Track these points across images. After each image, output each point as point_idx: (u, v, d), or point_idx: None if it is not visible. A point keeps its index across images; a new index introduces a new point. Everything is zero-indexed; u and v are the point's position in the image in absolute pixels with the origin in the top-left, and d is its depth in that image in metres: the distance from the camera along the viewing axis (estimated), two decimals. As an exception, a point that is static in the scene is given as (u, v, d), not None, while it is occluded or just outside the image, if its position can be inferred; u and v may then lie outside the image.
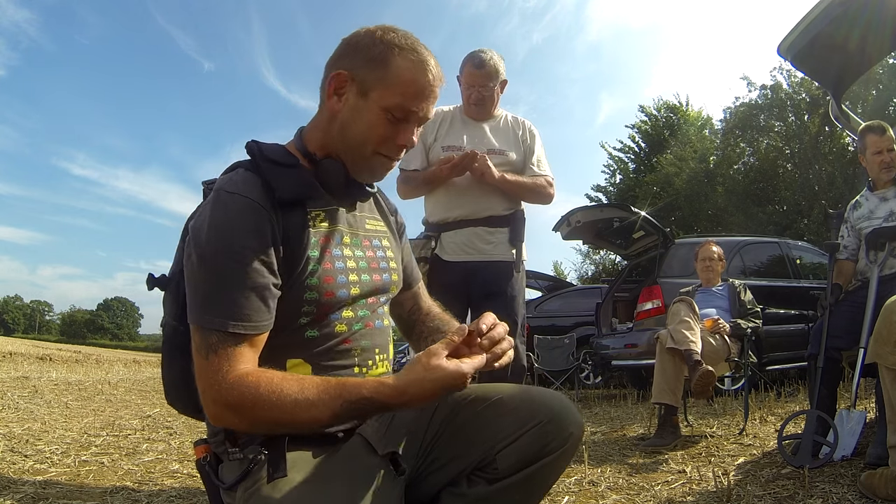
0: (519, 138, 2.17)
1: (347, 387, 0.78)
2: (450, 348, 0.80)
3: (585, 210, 5.31)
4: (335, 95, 0.92)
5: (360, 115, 0.90)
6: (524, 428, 0.88)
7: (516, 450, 0.88)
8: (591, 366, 6.73)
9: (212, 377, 0.77)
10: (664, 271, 5.07)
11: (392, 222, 1.12)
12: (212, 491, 0.88)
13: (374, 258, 1.00)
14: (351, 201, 1.00)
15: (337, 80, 0.91)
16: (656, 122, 17.85)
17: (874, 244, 2.32)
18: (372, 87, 0.89)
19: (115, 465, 2.29)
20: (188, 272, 0.83)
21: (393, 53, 0.89)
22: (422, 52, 0.91)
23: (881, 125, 2.41)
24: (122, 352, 30.38)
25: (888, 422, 1.55)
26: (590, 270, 20.00)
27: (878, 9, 2.39)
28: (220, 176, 0.91)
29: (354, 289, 0.92)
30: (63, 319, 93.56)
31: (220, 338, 0.78)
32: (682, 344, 2.66)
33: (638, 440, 2.95)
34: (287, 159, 0.91)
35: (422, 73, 0.90)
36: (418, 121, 0.93)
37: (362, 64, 0.90)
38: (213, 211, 0.82)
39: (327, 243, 0.91)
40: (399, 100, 0.89)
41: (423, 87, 0.90)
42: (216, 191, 0.85)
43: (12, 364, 8.38)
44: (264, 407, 0.75)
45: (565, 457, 0.91)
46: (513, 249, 2.09)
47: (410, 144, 0.93)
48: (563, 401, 0.93)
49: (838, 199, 11.14)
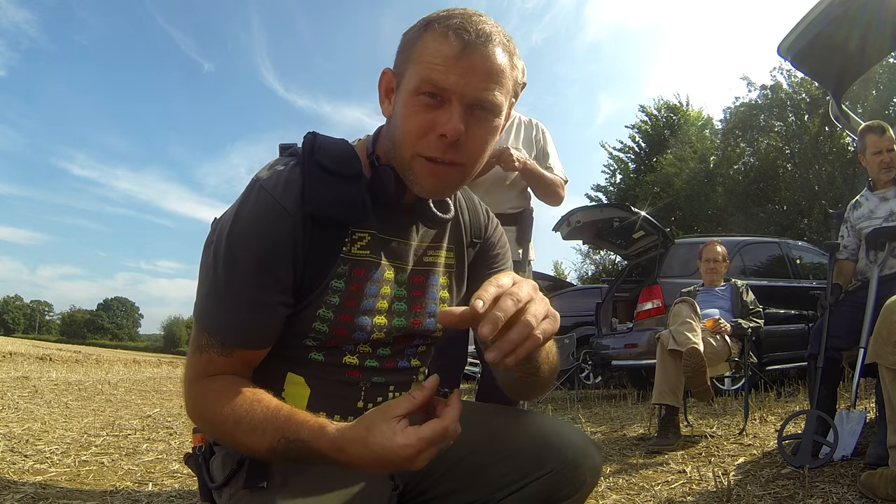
0: (532, 139, 2.18)
1: (292, 422, 0.66)
2: (412, 407, 0.62)
3: (585, 210, 5.31)
4: (386, 98, 0.79)
5: (397, 111, 0.74)
6: (532, 476, 0.77)
7: (521, 498, 0.78)
8: (591, 366, 6.73)
9: (189, 372, 0.75)
10: (664, 271, 5.07)
11: (469, 253, 0.92)
12: (202, 483, 0.84)
13: (422, 299, 0.85)
14: (408, 224, 0.83)
15: (383, 79, 0.78)
16: (656, 122, 17.86)
17: (874, 244, 2.32)
18: (403, 73, 0.73)
19: (115, 465, 2.29)
20: (203, 259, 0.77)
21: (426, 28, 0.72)
22: (466, 18, 0.70)
23: (881, 125, 2.41)
24: (122, 352, 30.38)
25: (888, 422, 1.55)
26: (590, 270, 20.03)
27: (878, 9, 2.39)
28: (275, 160, 0.80)
29: (378, 333, 0.80)
30: (63, 319, 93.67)
31: (209, 341, 0.74)
32: (684, 345, 2.65)
33: (638, 440, 2.95)
34: (342, 167, 0.76)
35: (455, 36, 0.69)
36: (464, 103, 0.70)
37: (400, 52, 0.76)
38: (241, 206, 0.74)
39: (360, 275, 0.78)
40: (424, 74, 0.69)
41: (457, 50, 0.68)
42: (255, 180, 0.75)
43: (12, 364, 8.37)
44: (210, 418, 0.72)
45: (577, 503, 0.81)
46: (520, 249, 2.09)
47: (453, 133, 0.69)
48: (579, 445, 0.80)
49: (838, 199, 11.14)
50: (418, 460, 0.60)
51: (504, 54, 0.71)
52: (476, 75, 0.69)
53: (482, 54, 0.69)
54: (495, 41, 0.70)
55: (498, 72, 0.71)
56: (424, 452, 0.60)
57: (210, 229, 0.79)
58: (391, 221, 0.80)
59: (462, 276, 0.92)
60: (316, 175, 0.74)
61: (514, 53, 0.73)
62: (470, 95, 0.70)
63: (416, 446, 0.59)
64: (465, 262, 0.92)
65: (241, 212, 0.74)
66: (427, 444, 0.59)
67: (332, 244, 0.76)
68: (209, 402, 0.72)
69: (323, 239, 0.75)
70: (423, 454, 0.60)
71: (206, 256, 0.76)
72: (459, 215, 0.91)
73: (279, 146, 0.83)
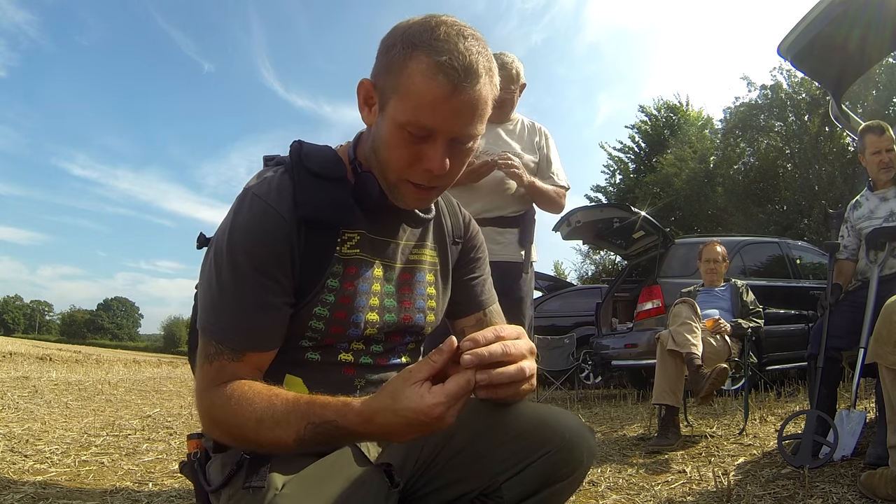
0: (535, 144, 2.18)
1: (315, 407, 0.68)
2: (433, 370, 0.64)
3: (585, 210, 5.31)
4: (366, 106, 0.79)
5: (381, 132, 0.75)
6: (531, 458, 0.79)
7: (521, 481, 0.79)
8: (591, 366, 6.73)
9: (200, 384, 0.76)
10: (664, 271, 5.07)
11: (452, 251, 0.96)
12: (199, 488, 0.84)
13: (410, 295, 0.88)
14: (394, 224, 0.86)
15: (362, 89, 0.78)
16: (656, 122, 17.87)
17: (874, 244, 2.32)
18: (388, 98, 0.73)
19: (115, 465, 2.29)
20: (203, 269, 0.79)
21: (411, 53, 0.70)
22: (452, 48, 0.69)
23: (880, 125, 2.41)
24: (122, 352, 30.37)
25: (888, 422, 1.55)
26: (590, 270, 20.04)
27: (878, 9, 2.39)
28: (262, 170, 0.83)
29: (370, 329, 0.83)
30: (63, 319, 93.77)
31: (217, 349, 0.75)
32: (683, 347, 2.65)
33: (638, 440, 2.95)
34: (330, 171, 0.79)
35: (444, 77, 0.68)
36: (449, 138, 0.73)
37: (383, 69, 0.74)
38: (236, 215, 0.76)
39: (352, 273, 0.81)
40: (411, 115, 0.71)
41: (443, 94, 0.69)
42: (246, 190, 0.78)
43: (12, 364, 8.37)
44: (229, 424, 0.72)
45: (574, 485, 0.83)
46: (522, 251, 2.09)
47: (440, 170, 0.73)
48: (575, 427, 0.83)
49: (838, 199, 11.15)
50: (448, 417, 0.62)
51: (487, 83, 0.73)
52: (463, 116, 0.72)
53: (469, 96, 0.70)
54: (481, 74, 0.71)
55: (483, 105, 0.73)
56: (453, 408, 0.62)
57: (214, 236, 0.81)
58: (378, 221, 0.84)
59: (447, 273, 0.95)
60: (305, 180, 0.78)
61: (494, 73, 0.75)
62: (455, 133, 0.73)
63: (445, 403, 0.61)
64: (450, 260, 0.96)
65: (236, 221, 0.76)
66: (456, 399, 0.62)
67: (326, 245, 0.79)
68: (226, 408, 0.72)
69: (317, 240, 0.78)
70: (451, 410, 0.62)
71: (207, 268, 0.78)
72: (441, 216, 0.95)
73: (263, 158, 0.87)
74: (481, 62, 0.71)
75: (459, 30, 0.72)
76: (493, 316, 1.00)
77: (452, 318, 1.00)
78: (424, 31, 0.71)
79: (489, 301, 1.00)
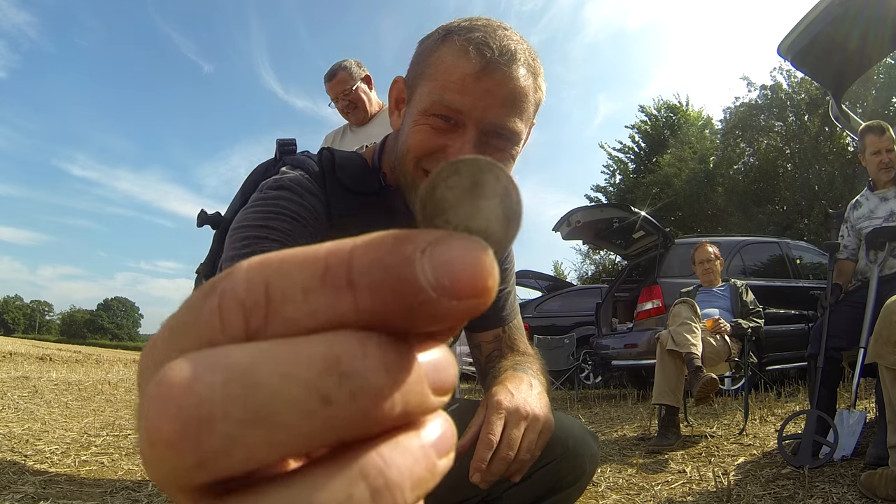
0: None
1: None
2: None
3: (585, 210, 5.31)
4: (396, 110, 0.74)
5: (405, 125, 0.69)
6: (534, 466, 0.76)
7: (525, 489, 0.78)
8: (591, 366, 6.73)
9: None
10: (664, 271, 5.07)
11: None
12: None
13: None
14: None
15: (394, 89, 0.73)
16: (656, 122, 17.87)
17: (874, 244, 2.32)
18: (416, 87, 0.68)
19: (115, 465, 2.29)
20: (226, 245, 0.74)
21: (444, 38, 0.65)
22: (490, 32, 0.63)
23: (880, 125, 2.41)
24: (122, 352, 30.30)
25: (888, 422, 1.55)
26: (590, 270, 20.05)
27: (878, 9, 2.39)
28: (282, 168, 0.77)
29: None
30: (63, 319, 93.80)
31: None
32: (682, 347, 2.66)
33: (638, 440, 2.95)
34: (362, 185, 0.75)
35: (476, 52, 0.62)
36: (479, 128, 0.64)
37: (414, 61, 0.70)
38: (259, 197, 0.72)
39: None
40: (437, 95, 0.63)
41: (477, 68, 0.62)
42: (268, 180, 0.73)
43: (12, 364, 8.37)
44: None
45: (577, 492, 0.82)
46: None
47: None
48: (579, 434, 0.81)
49: (838, 199, 11.16)
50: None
51: (528, 75, 0.65)
52: (496, 98, 0.63)
53: (504, 75, 0.63)
54: (520, 60, 0.63)
55: (520, 95, 0.64)
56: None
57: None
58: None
59: None
60: (340, 194, 0.73)
61: (539, 74, 0.67)
62: (487, 120, 0.64)
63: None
64: None
65: (262, 196, 0.70)
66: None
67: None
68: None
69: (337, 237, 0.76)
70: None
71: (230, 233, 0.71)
72: None
73: (277, 141, 0.82)
74: (520, 51, 0.64)
75: (501, 24, 0.66)
76: (512, 332, 0.94)
77: (471, 331, 0.95)
78: (463, 21, 0.66)
79: (511, 316, 0.94)
